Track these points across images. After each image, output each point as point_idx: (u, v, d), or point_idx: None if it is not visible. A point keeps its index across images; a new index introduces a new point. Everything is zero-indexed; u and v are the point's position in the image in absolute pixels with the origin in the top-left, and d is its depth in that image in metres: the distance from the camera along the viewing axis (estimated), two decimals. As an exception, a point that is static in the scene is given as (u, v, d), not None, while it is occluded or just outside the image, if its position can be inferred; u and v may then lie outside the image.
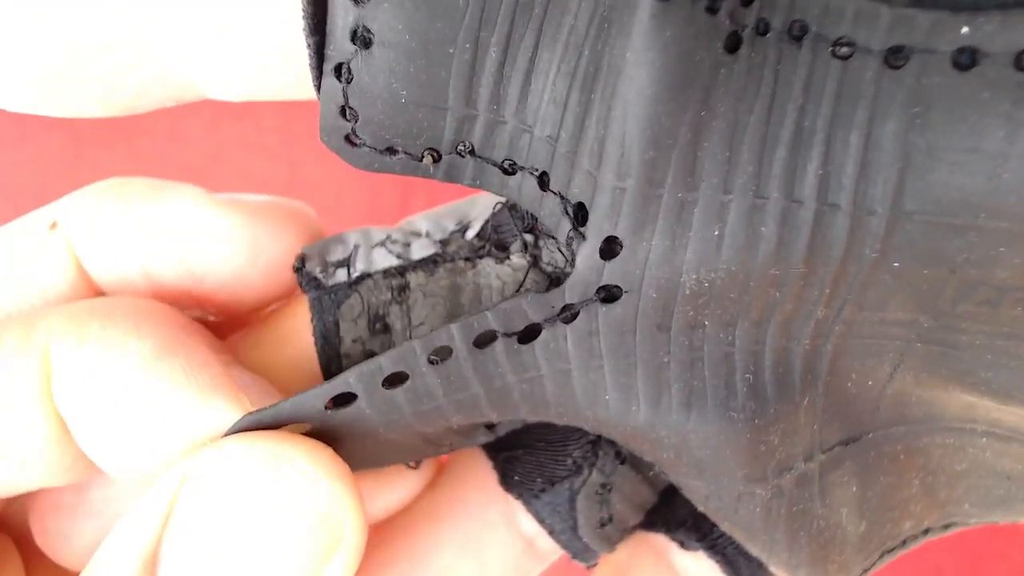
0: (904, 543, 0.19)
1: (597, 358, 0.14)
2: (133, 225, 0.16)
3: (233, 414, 0.15)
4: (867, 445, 0.17)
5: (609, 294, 0.13)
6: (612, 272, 0.13)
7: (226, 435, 0.15)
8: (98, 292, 0.17)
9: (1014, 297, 0.12)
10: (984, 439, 0.17)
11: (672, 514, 0.20)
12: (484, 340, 0.14)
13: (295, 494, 0.14)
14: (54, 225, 0.16)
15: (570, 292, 0.13)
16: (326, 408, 0.15)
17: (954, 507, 0.18)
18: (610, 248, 0.13)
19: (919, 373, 0.15)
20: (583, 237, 0.13)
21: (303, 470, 0.14)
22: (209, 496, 0.14)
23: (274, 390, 0.16)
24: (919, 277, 0.12)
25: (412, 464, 0.19)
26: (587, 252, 0.13)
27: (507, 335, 0.14)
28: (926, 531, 0.19)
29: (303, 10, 0.12)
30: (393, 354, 0.14)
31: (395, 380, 0.14)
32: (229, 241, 0.16)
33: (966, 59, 0.11)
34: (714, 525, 0.18)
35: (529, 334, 0.14)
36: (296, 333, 0.17)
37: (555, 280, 0.14)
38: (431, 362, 0.14)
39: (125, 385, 0.14)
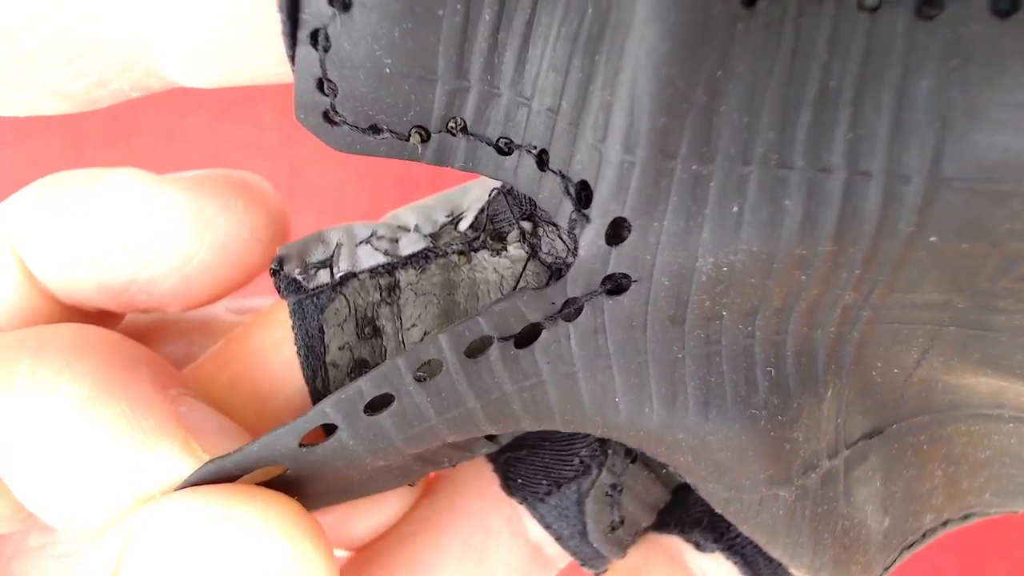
0: (924, 536, 0.18)
1: (604, 358, 0.13)
2: (71, 213, 0.15)
3: (181, 462, 0.13)
4: (891, 437, 0.16)
5: (616, 285, 0.12)
6: (619, 259, 0.12)
7: (182, 486, 0.14)
8: (47, 296, 0.16)
9: None
10: (1011, 424, 0.16)
11: (686, 514, 0.19)
12: (477, 348, 0.13)
13: (250, 557, 0.13)
14: None
15: (572, 285, 0.12)
16: (301, 446, 0.13)
17: (975, 497, 0.18)
18: (617, 232, 0.12)
19: (949, 359, 0.14)
20: (587, 219, 0.12)
21: (260, 530, 0.13)
22: (156, 561, 0.13)
23: (233, 426, 0.15)
24: (957, 252, 0.11)
25: (408, 483, 0.17)
26: (591, 237, 0.12)
27: (503, 339, 0.13)
28: (945, 523, 0.18)
29: None
30: (374, 375, 0.13)
31: (379, 404, 0.13)
32: (170, 216, 0.15)
33: (1006, 4, 0.10)
34: (731, 524, 0.17)
35: (527, 336, 0.13)
36: (277, 343, 0.15)
37: (556, 272, 0.13)
38: (418, 379, 0.13)
39: (59, 433, 0.13)
